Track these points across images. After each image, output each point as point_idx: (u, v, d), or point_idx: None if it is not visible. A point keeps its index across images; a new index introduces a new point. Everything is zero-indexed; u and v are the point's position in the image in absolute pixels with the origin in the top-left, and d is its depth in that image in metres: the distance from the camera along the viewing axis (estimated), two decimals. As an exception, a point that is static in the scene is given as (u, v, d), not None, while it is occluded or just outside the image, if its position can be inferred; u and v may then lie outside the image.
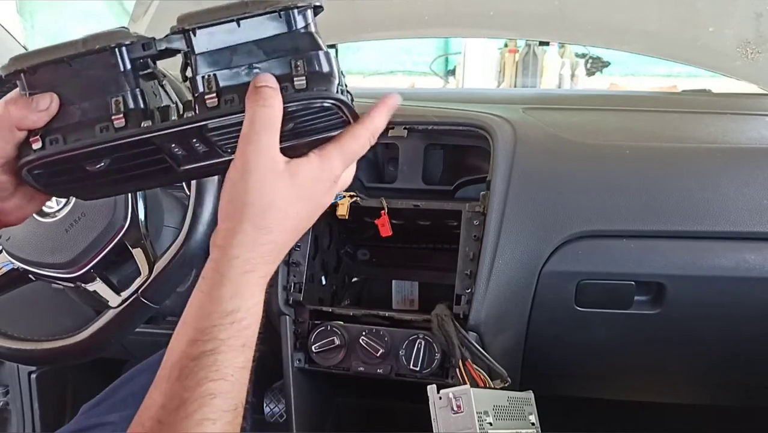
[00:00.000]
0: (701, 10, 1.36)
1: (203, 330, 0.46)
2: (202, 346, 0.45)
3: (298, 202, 0.49)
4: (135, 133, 0.48)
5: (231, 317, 0.46)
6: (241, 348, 0.46)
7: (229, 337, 0.46)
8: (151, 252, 0.78)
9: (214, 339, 0.45)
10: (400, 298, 1.11)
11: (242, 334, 0.46)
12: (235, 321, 0.46)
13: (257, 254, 0.47)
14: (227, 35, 0.48)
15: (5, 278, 0.82)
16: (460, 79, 3.43)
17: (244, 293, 0.47)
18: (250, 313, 0.47)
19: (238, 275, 0.47)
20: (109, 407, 0.85)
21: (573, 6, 1.42)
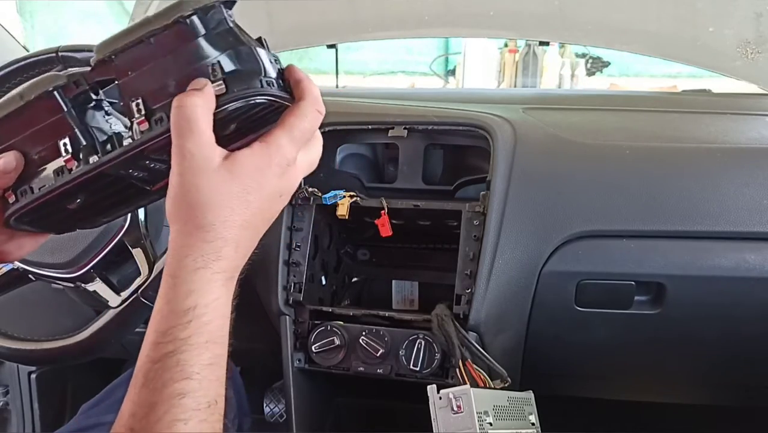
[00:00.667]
0: (701, 10, 1.35)
1: (163, 332, 0.45)
2: (164, 348, 0.45)
3: (245, 194, 0.47)
4: (87, 171, 0.48)
5: (188, 315, 0.45)
6: (205, 344, 0.46)
7: (189, 335, 0.45)
8: (151, 252, 0.78)
9: (174, 339, 0.45)
10: (400, 298, 1.11)
11: (204, 330, 0.46)
12: (194, 318, 0.45)
13: (206, 251, 0.46)
14: (145, 55, 0.47)
15: (5, 278, 0.82)
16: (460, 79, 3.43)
17: (200, 289, 0.46)
18: (210, 308, 0.46)
19: (189, 273, 0.46)
20: (109, 407, 0.85)
21: (573, 6, 1.42)
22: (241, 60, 0.47)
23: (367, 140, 1.04)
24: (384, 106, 1.07)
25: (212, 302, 0.46)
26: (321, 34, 1.56)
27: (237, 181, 0.46)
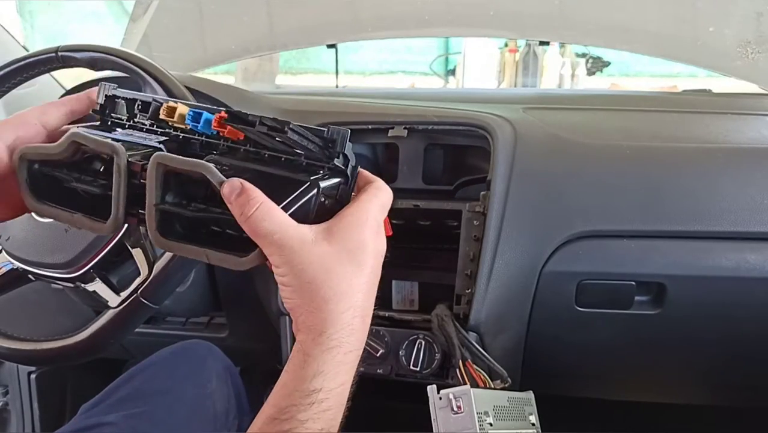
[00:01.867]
0: (701, 10, 1.35)
1: (282, 409, 0.44)
2: (279, 425, 0.44)
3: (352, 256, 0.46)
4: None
5: (311, 398, 0.44)
6: (319, 430, 0.44)
7: (307, 419, 0.44)
8: (151, 252, 0.78)
9: (291, 419, 0.44)
10: (400, 298, 1.11)
11: (322, 417, 0.44)
12: (315, 402, 0.44)
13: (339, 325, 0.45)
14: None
15: (5, 278, 0.82)
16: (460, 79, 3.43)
17: (328, 371, 0.45)
18: (333, 394, 0.45)
19: (323, 352, 0.44)
20: (109, 407, 0.85)
21: (573, 6, 1.42)
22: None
23: (367, 140, 1.04)
24: (384, 106, 1.07)
25: (337, 387, 0.45)
26: (321, 34, 1.56)
27: (341, 246, 0.46)
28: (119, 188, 0.49)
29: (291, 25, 1.57)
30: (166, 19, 1.54)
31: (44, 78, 0.95)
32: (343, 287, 0.45)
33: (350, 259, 0.46)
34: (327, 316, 0.45)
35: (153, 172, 0.47)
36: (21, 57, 0.81)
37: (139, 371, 0.91)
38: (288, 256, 0.45)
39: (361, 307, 0.47)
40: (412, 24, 1.55)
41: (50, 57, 0.79)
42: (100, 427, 0.81)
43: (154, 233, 0.48)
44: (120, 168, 0.49)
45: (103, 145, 0.50)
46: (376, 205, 0.49)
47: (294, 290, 0.45)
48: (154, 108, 0.53)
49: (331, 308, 0.45)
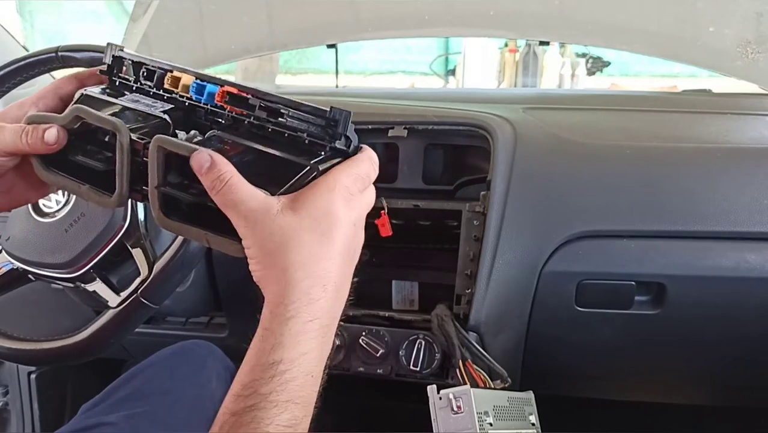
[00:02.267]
0: (701, 9, 1.35)
1: (246, 385, 0.44)
2: (243, 402, 0.43)
3: (317, 225, 0.46)
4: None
5: (271, 370, 0.43)
6: (285, 403, 0.43)
7: (270, 391, 0.43)
8: (151, 252, 0.78)
9: (254, 394, 0.43)
10: (400, 298, 1.11)
11: (286, 387, 0.43)
12: (276, 374, 0.43)
13: (296, 294, 0.44)
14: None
15: (5, 278, 0.82)
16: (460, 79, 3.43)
17: (287, 342, 0.44)
18: (295, 364, 0.44)
19: (281, 324, 0.44)
20: (109, 407, 0.85)
21: (573, 6, 1.42)
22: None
23: (367, 140, 1.03)
24: (384, 106, 1.07)
25: (298, 357, 0.44)
26: (321, 34, 1.56)
27: (304, 215, 0.45)
28: (123, 166, 0.50)
29: (291, 25, 1.57)
30: (166, 19, 1.54)
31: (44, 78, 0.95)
32: (303, 256, 0.45)
33: (313, 227, 0.46)
34: (284, 285, 0.45)
35: (154, 155, 0.48)
36: (21, 57, 0.81)
37: (139, 371, 0.91)
38: (252, 227, 0.45)
39: (324, 276, 0.46)
40: (412, 24, 1.55)
41: (50, 57, 0.79)
42: (100, 427, 0.81)
43: (157, 213, 0.49)
44: (123, 146, 0.49)
45: (106, 121, 0.50)
46: (347, 174, 0.48)
47: (258, 261, 0.46)
48: (159, 76, 0.54)
49: (288, 277, 0.45)
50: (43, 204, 0.81)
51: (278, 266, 0.45)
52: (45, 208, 0.80)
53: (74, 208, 0.79)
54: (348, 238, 0.48)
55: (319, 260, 0.46)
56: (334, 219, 0.46)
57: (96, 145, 0.55)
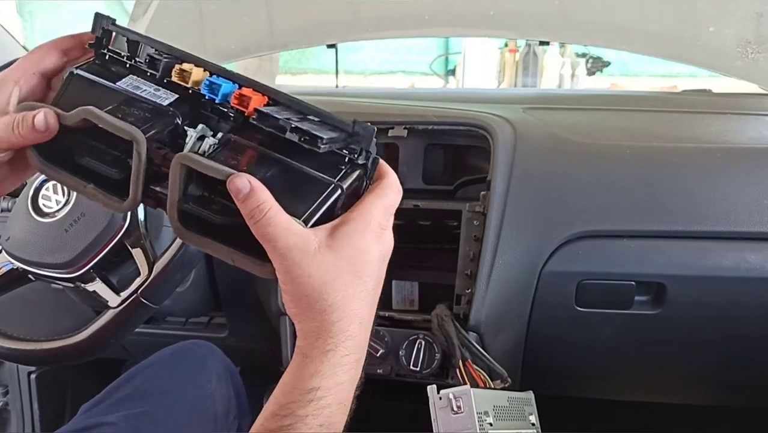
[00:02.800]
0: (701, 9, 1.35)
1: (283, 405, 0.46)
2: (280, 421, 0.46)
3: (352, 266, 0.47)
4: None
5: (310, 395, 0.46)
6: (319, 427, 0.46)
7: (307, 414, 0.46)
8: (151, 252, 0.78)
9: (291, 415, 0.46)
10: (400, 298, 1.11)
11: (321, 413, 0.46)
12: (314, 399, 0.46)
13: (334, 332, 0.47)
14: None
15: (5, 278, 0.82)
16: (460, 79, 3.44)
17: (326, 372, 0.46)
18: (331, 392, 0.47)
19: (320, 354, 0.47)
20: (109, 407, 0.85)
21: (573, 6, 1.41)
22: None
23: (367, 140, 1.04)
24: (384, 106, 1.07)
25: (334, 387, 0.47)
26: (321, 34, 1.56)
27: (342, 255, 0.46)
28: (138, 174, 0.48)
29: (291, 25, 1.57)
30: (166, 19, 1.54)
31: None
32: (339, 298, 0.47)
33: (349, 268, 0.47)
34: (321, 325, 0.47)
35: (176, 171, 0.46)
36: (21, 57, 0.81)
37: (139, 371, 0.91)
38: (289, 266, 0.45)
39: (359, 314, 0.48)
40: (412, 24, 1.55)
41: None
42: (100, 427, 0.81)
43: (176, 226, 0.47)
44: (140, 156, 0.47)
45: (122, 130, 0.47)
46: (380, 207, 0.49)
47: (292, 299, 0.47)
48: (165, 67, 0.51)
49: (326, 318, 0.47)
50: (43, 204, 0.80)
51: (315, 308, 0.46)
52: (45, 208, 0.80)
53: (74, 208, 0.79)
54: (378, 273, 0.49)
55: (353, 300, 0.47)
56: (369, 259, 0.48)
57: (102, 143, 0.51)
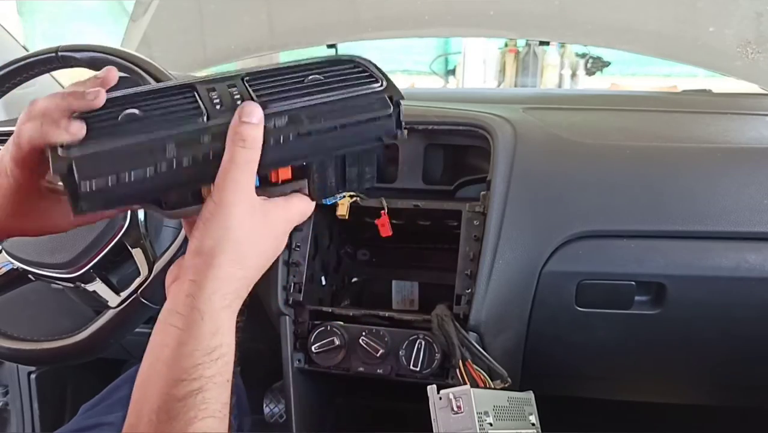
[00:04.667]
0: (701, 9, 1.36)
1: (187, 369, 0.44)
2: (189, 385, 0.44)
3: (269, 239, 0.50)
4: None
5: (215, 353, 0.45)
6: (226, 384, 0.46)
7: (214, 374, 0.45)
8: (151, 252, 0.78)
9: (200, 377, 0.44)
10: (400, 298, 1.11)
11: (225, 370, 0.46)
12: (219, 357, 0.46)
13: (233, 288, 0.47)
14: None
15: (5, 278, 0.82)
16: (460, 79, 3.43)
17: (225, 328, 0.46)
18: (230, 348, 0.47)
19: (217, 311, 0.46)
20: (109, 407, 0.85)
21: (573, 6, 1.42)
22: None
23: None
24: (384, 106, 1.06)
25: (232, 342, 0.47)
26: (321, 34, 1.56)
27: (268, 226, 0.49)
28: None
29: (291, 25, 1.57)
30: (166, 19, 1.54)
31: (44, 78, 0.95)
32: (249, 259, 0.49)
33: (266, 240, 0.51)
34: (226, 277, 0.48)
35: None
36: (21, 57, 0.81)
37: (139, 371, 0.90)
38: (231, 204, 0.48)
39: (251, 279, 0.50)
40: (412, 24, 1.55)
41: (50, 57, 0.79)
42: (100, 427, 0.81)
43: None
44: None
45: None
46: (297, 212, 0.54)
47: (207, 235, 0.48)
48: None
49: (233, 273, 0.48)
50: (43, 204, 0.80)
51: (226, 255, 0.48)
52: (45, 208, 0.80)
53: (74, 208, 0.79)
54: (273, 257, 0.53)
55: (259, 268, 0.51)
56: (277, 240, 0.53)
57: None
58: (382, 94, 0.52)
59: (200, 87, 0.52)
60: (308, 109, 0.51)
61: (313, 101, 0.51)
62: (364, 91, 0.52)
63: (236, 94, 0.51)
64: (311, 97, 0.51)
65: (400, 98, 0.52)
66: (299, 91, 0.51)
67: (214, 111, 0.50)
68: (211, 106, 0.50)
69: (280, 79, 0.53)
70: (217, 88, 0.52)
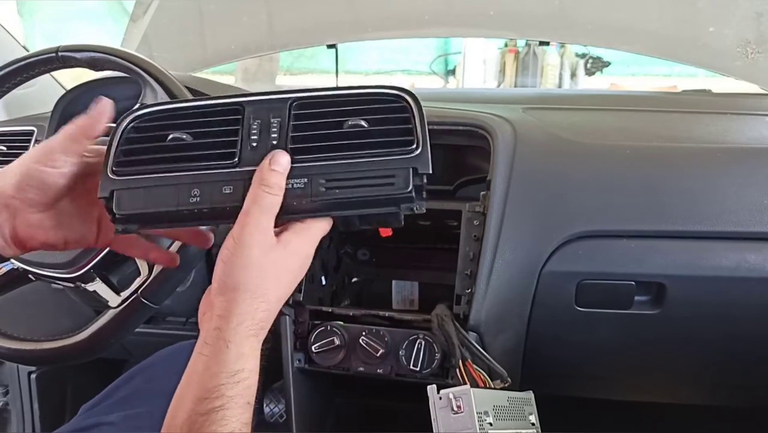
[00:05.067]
0: (701, 10, 1.36)
1: (211, 389, 0.49)
2: (211, 403, 0.48)
3: (290, 270, 0.53)
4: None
5: (237, 377, 0.49)
6: (246, 405, 0.50)
7: (235, 394, 0.49)
8: (151, 252, 0.78)
9: (221, 396, 0.48)
10: (400, 298, 1.11)
11: (246, 392, 0.50)
12: (240, 380, 0.49)
13: (257, 320, 0.51)
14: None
15: (5, 278, 0.82)
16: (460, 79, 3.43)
17: (248, 355, 0.50)
18: (252, 373, 0.51)
19: (242, 339, 0.50)
20: (109, 407, 0.85)
21: (573, 6, 1.42)
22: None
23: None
24: (384, 106, 1.06)
25: (254, 367, 0.51)
26: (321, 34, 1.56)
27: (288, 259, 0.53)
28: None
29: (291, 25, 1.57)
30: (166, 19, 1.54)
31: (44, 78, 0.95)
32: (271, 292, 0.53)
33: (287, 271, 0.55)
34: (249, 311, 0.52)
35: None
36: (21, 57, 0.81)
37: (139, 371, 0.91)
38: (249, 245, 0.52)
39: (275, 308, 0.54)
40: (412, 24, 1.55)
41: (50, 57, 0.79)
42: (100, 427, 0.81)
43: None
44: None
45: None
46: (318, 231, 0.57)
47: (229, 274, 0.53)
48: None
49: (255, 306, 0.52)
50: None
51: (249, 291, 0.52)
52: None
53: (74, 208, 0.79)
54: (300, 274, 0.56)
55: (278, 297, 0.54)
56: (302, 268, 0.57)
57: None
58: (409, 164, 0.53)
59: (248, 108, 0.57)
60: (329, 174, 0.54)
61: (338, 162, 0.54)
62: (393, 157, 0.54)
63: (274, 129, 0.55)
64: (338, 157, 0.54)
65: (427, 171, 0.53)
66: (331, 142, 0.55)
67: (247, 152, 0.55)
68: (247, 142, 0.55)
69: (321, 121, 0.56)
70: (262, 115, 0.56)
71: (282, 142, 0.55)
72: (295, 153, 0.54)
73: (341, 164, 0.54)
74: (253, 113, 0.56)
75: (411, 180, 0.53)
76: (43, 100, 1.17)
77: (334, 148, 0.54)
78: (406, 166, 0.53)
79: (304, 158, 0.54)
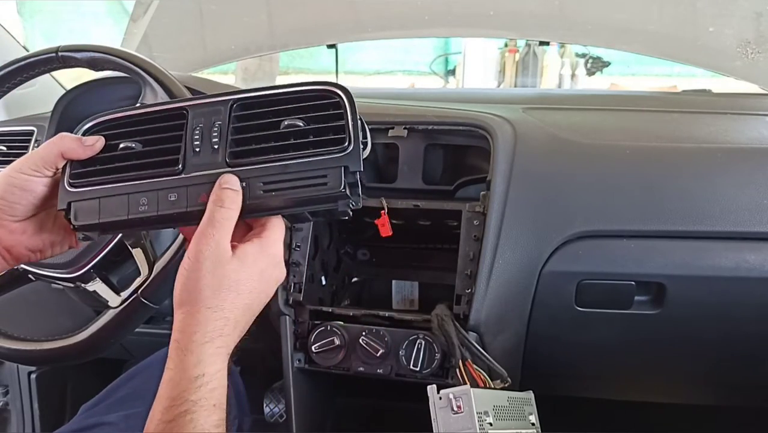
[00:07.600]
0: (701, 10, 1.36)
1: (175, 397, 0.50)
2: (177, 409, 0.50)
3: (250, 281, 0.54)
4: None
5: (198, 381, 0.51)
6: (213, 407, 0.51)
7: (199, 398, 0.50)
8: (151, 252, 0.78)
9: (186, 401, 0.50)
10: (400, 298, 1.11)
11: (212, 395, 0.51)
12: (203, 384, 0.51)
13: (212, 328, 0.53)
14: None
15: (5, 278, 0.82)
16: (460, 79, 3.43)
17: (206, 360, 0.52)
18: (215, 377, 0.52)
19: (198, 346, 0.52)
20: (109, 407, 0.85)
21: (573, 6, 1.42)
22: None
23: (367, 140, 1.04)
24: (384, 106, 1.07)
25: (216, 372, 0.52)
26: (321, 34, 1.56)
27: (245, 270, 0.54)
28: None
29: (291, 25, 1.57)
30: (166, 19, 1.54)
31: (44, 78, 0.95)
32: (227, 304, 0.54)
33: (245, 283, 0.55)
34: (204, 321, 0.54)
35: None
36: (21, 57, 0.81)
37: (139, 371, 0.91)
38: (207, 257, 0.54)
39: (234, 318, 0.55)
40: (412, 24, 1.55)
41: (50, 57, 0.79)
42: (100, 427, 0.81)
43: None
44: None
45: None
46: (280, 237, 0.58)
47: (186, 289, 0.54)
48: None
49: (210, 316, 0.54)
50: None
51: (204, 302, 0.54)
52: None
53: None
54: (267, 292, 0.58)
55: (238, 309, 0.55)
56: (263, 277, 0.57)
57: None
58: (340, 163, 0.55)
59: (192, 113, 0.58)
60: (265, 177, 0.55)
61: (274, 164, 0.56)
62: (325, 156, 0.55)
63: (215, 133, 0.57)
64: (275, 159, 0.56)
65: (358, 169, 0.55)
66: (268, 144, 0.57)
67: (190, 158, 0.57)
68: (191, 147, 0.57)
69: (258, 122, 0.58)
70: (205, 119, 0.58)
71: (222, 147, 0.57)
72: (235, 156, 0.56)
73: (277, 166, 0.55)
74: (196, 118, 0.58)
75: (342, 179, 0.55)
76: (43, 100, 1.17)
77: (271, 150, 0.56)
78: (337, 165, 0.55)
79: (243, 162, 0.56)
